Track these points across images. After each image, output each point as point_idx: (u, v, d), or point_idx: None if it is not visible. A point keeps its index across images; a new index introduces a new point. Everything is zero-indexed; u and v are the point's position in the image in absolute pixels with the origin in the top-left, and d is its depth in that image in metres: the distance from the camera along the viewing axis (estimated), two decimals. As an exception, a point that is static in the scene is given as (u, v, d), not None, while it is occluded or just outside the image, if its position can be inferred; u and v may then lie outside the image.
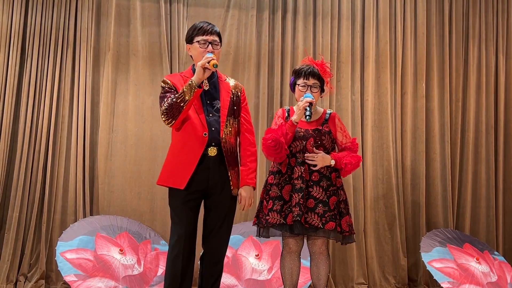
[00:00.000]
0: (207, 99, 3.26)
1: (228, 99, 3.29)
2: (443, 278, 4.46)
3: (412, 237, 5.18)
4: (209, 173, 3.19)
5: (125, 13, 5.03)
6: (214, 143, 3.19)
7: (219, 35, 3.32)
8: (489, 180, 5.32)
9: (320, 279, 3.43)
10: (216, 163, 3.20)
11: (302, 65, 3.56)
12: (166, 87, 3.24)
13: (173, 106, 3.10)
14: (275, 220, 3.34)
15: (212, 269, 3.31)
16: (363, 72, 5.26)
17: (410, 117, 5.26)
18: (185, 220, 3.19)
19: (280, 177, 3.42)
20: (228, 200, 3.27)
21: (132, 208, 4.87)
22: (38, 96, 4.84)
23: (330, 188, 3.39)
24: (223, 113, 3.24)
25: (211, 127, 3.20)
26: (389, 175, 5.15)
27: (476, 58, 5.43)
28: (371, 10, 5.28)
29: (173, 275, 3.18)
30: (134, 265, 4.38)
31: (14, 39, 4.81)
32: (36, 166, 4.76)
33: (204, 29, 3.24)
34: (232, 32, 5.12)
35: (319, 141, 3.42)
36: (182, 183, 3.14)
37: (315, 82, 3.46)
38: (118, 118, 4.94)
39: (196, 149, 3.15)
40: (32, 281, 4.60)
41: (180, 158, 3.18)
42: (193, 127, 3.17)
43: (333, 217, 3.32)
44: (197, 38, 3.25)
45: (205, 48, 3.23)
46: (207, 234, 3.30)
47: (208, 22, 3.32)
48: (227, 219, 3.30)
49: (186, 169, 3.15)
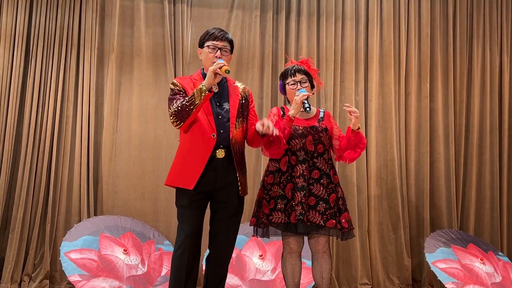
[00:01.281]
0: (216, 101, 3.29)
1: (237, 101, 3.32)
2: (447, 279, 4.45)
3: (416, 237, 5.18)
4: (216, 175, 3.21)
5: (129, 13, 5.04)
6: (222, 145, 3.21)
7: (231, 43, 3.37)
8: (493, 180, 5.31)
9: (323, 278, 3.44)
10: (224, 165, 3.22)
11: (287, 67, 3.63)
12: (176, 89, 3.26)
13: (182, 109, 3.12)
14: (280, 220, 3.34)
15: (217, 270, 3.33)
16: (367, 73, 5.26)
17: (414, 117, 5.25)
18: (191, 219, 3.21)
19: (281, 176, 3.43)
20: (236, 202, 3.28)
21: (136, 208, 4.88)
22: (42, 97, 4.85)
23: (329, 186, 3.40)
24: (233, 115, 3.27)
25: (219, 129, 3.22)
26: (393, 175, 5.14)
27: (481, 59, 5.42)
28: (375, 11, 5.27)
29: (179, 272, 3.19)
30: (138, 265, 4.38)
31: (18, 40, 4.83)
32: (40, 166, 4.77)
33: (215, 35, 3.31)
34: (236, 33, 5.12)
35: (318, 139, 3.44)
36: (191, 184, 3.16)
37: (303, 77, 3.52)
38: (122, 118, 4.95)
39: (204, 150, 3.17)
40: (37, 281, 4.61)
41: (189, 159, 3.20)
42: (201, 129, 3.20)
43: (333, 215, 3.34)
44: (208, 43, 3.31)
45: (214, 53, 3.28)
46: (214, 235, 3.32)
47: (221, 29, 3.39)
48: (234, 220, 3.32)
49: (194, 170, 3.17)
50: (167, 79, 4.97)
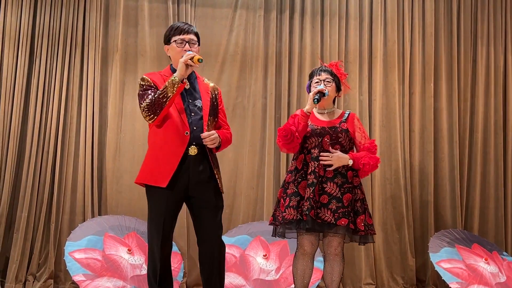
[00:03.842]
0: (189, 99, 3.26)
1: (208, 99, 3.31)
2: (451, 279, 4.45)
3: (420, 237, 5.17)
4: (189, 173, 3.17)
5: (133, 14, 5.04)
6: (195, 142, 3.18)
7: (197, 35, 3.33)
8: (498, 180, 5.30)
9: (333, 281, 3.45)
10: (197, 162, 3.19)
11: (315, 67, 3.67)
12: (146, 85, 3.23)
13: (155, 102, 3.10)
14: (291, 216, 3.33)
15: (209, 260, 3.23)
16: (371, 72, 5.25)
17: (418, 117, 5.24)
18: (162, 223, 3.14)
19: (296, 174, 3.44)
20: (213, 197, 3.23)
21: (140, 208, 4.87)
22: (47, 97, 4.85)
23: (345, 185, 3.38)
24: (205, 112, 3.25)
25: (193, 126, 3.19)
26: (397, 175, 5.13)
27: (485, 58, 5.40)
28: (379, 10, 5.27)
29: (153, 279, 3.18)
30: (142, 265, 4.39)
31: (23, 40, 4.83)
32: (44, 166, 4.77)
33: (181, 29, 3.27)
34: (240, 33, 5.13)
35: (335, 139, 3.43)
36: (164, 181, 3.12)
37: (328, 77, 3.53)
38: (126, 118, 4.96)
39: (177, 147, 3.15)
40: (41, 280, 4.62)
41: (161, 156, 3.17)
42: (174, 126, 3.17)
43: (346, 214, 3.30)
44: (174, 38, 3.27)
45: (183, 47, 3.24)
46: (197, 230, 3.26)
47: (185, 22, 3.38)
48: (215, 212, 3.24)
49: (168, 167, 3.13)
50: (171, 79, 4.97)
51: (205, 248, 3.23)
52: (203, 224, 3.22)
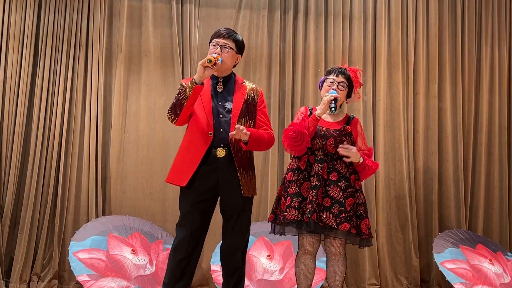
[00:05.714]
0: (219, 101, 3.31)
1: (241, 101, 3.33)
2: (455, 279, 4.44)
3: (424, 237, 5.16)
4: (218, 174, 3.22)
5: (137, 14, 5.05)
6: (223, 144, 3.22)
7: (236, 42, 3.37)
8: (502, 180, 5.28)
9: (336, 281, 3.45)
10: (225, 164, 3.23)
11: (335, 66, 3.67)
12: (179, 89, 3.30)
13: (175, 103, 3.21)
14: (293, 217, 3.34)
15: (227, 262, 3.35)
16: (374, 72, 5.25)
17: (422, 117, 5.23)
18: (190, 221, 3.24)
19: (299, 174, 3.44)
20: (240, 202, 3.28)
21: (144, 208, 4.89)
22: (51, 97, 4.86)
23: (348, 189, 3.39)
24: (235, 114, 3.28)
25: (219, 128, 3.24)
26: (401, 175, 5.13)
27: (489, 58, 5.39)
28: (382, 10, 5.26)
29: (171, 273, 3.25)
30: (146, 265, 4.40)
31: (27, 40, 4.84)
32: (49, 166, 4.78)
33: (219, 33, 3.36)
34: (244, 33, 5.12)
35: (340, 141, 3.43)
36: (184, 181, 3.20)
37: (343, 81, 3.53)
38: (130, 118, 4.96)
39: (200, 148, 3.21)
40: (45, 280, 4.63)
41: (186, 157, 3.25)
42: (200, 127, 3.23)
43: (348, 219, 3.31)
44: (212, 42, 3.37)
45: (214, 50, 3.32)
46: (223, 234, 3.36)
47: (230, 29, 3.44)
48: (241, 217, 3.30)
49: (189, 167, 3.21)
50: (175, 80, 4.98)
51: (226, 250, 3.34)
52: (227, 227, 3.32)
